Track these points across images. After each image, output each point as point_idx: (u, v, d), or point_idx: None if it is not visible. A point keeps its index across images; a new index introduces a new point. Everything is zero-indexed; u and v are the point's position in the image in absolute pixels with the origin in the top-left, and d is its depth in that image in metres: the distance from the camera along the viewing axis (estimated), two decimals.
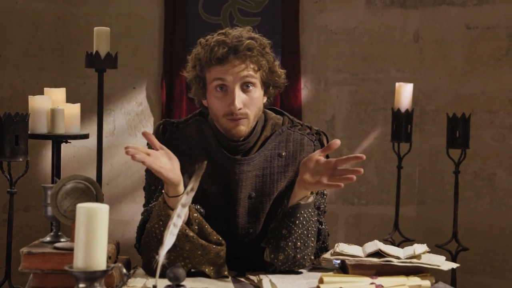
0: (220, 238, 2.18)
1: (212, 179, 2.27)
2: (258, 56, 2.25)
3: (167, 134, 2.34)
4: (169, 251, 1.78)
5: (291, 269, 2.24)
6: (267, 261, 2.24)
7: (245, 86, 2.24)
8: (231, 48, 2.22)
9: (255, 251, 2.27)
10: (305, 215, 2.23)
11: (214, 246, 2.16)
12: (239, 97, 2.23)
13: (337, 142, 2.15)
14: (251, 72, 2.24)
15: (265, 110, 2.39)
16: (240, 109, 2.23)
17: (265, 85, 2.30)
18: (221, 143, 2.31)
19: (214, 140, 2.31)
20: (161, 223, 2.12)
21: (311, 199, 2.25)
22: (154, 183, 2.34)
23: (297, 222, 2.22)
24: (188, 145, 2.32)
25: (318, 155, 2.17)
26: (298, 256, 2.22)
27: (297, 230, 2.22)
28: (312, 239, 2.25)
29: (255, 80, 2.26)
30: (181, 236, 2.11)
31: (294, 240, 2.22)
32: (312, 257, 2.27)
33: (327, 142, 2.39)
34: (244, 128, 2.26)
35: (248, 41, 2.23)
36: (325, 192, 2.40)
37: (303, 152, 2.34)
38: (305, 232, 2.23)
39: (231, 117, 2.24)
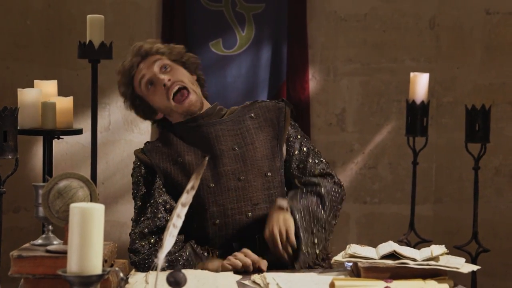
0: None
1: (185, 152, 2.57)
2: (165, 49, 2.69)
3: (146, 151, 2.62)
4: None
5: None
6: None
7: (163, 68, 2.64)
8: (139, 55, 2.66)
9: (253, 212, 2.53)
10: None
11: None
12: (163, 75, 2.61)
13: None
14: (162, 58, 2.65)
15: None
16: (169, 79, 2.60)
17: (181, 63, 2.69)
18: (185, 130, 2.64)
19: (178, 131, 2.64)
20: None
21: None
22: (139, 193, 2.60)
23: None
24: (168, 147, 2.62)
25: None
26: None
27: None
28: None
29: (168, 61, 2.66)
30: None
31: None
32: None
33: (291, 112, 2.68)
34: (192, 97, 2.62)
35: (156, 45, 2.68)
36: (305, 136, 2.70)
37: (272, 111, 2.66)
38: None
39: (175, 97, 2.59)
